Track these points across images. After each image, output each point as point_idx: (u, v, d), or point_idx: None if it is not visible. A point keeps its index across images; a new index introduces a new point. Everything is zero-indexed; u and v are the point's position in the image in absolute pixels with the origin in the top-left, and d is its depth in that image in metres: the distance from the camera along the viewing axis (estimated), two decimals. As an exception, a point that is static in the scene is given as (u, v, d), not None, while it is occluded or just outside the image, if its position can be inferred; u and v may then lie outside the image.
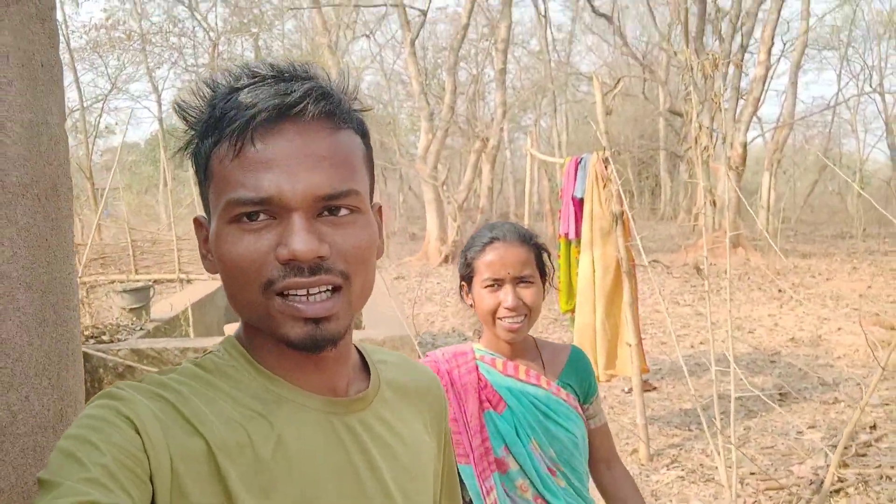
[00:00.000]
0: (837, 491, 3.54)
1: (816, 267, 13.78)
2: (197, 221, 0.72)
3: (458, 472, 1.05)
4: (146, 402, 0.60)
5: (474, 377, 1.47)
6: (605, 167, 4.17)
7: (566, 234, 4.87)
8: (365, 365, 0.80)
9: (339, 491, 0.67)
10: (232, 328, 4.62)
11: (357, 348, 0.80)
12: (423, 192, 15.71)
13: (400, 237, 24.06)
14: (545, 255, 1.50)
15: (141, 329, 4.62)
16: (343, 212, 0.66)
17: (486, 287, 1.44)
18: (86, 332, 4.18)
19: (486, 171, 15.09)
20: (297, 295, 0.64)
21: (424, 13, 14.36)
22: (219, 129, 0.65)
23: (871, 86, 28.41)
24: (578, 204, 4.58)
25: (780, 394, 5.21)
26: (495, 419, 1.44)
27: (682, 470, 3.93)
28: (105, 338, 4.21)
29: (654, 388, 5.45)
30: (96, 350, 3.84)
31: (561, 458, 1.43)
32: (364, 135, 0.72)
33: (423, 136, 14.68)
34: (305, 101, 0.64)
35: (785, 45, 23.34)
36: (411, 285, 12.18)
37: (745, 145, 15.47)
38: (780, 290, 11.03)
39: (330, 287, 0.65)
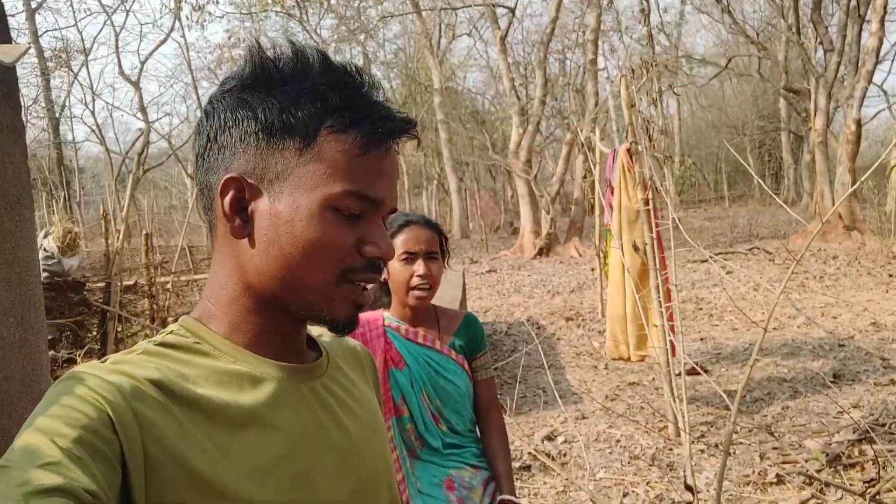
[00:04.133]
0: (854, 465, 3.59)
1: (941, 250, 12.74)
2: (235, 181, 0.69)
3: None
4: (111, 381, 0.60)
5: (382, 341, 1.81)
6: (631, 157, 4.37)
7: (609, 223, 5.09)
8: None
9: (312, 448, 0.71)
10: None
11: None
12: (517, 186, 15.96)
13: (503, 231, 24.42)
14: (444, 241, 1.86)
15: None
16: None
17: (402, 260, 1.73)
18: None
19: (578, 163, 15.14)
20: (361, 285, 0.71)
21: (512, 10, 14.61)
22: (345, 119, 0.67)
23: None
24: (613, 193, 4.80)
25: (835, 375, 5.15)
26: (396, 375, 1.78)
27: (706, 445, 4.09)
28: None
29: (706, 371, 5.52)
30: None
31: (447, 406, 1.77)
32: None
33: (514, 130, 14.96)
34: (410, 130, 0.72)
35: (911, 10, 21.39)
36: (501, 278, 12.54)
37: (858, 122, 14.53)
38: (889, 276, 10.42)
39: None
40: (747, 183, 34.07)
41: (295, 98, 0.67)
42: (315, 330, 0.86)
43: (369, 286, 0.72)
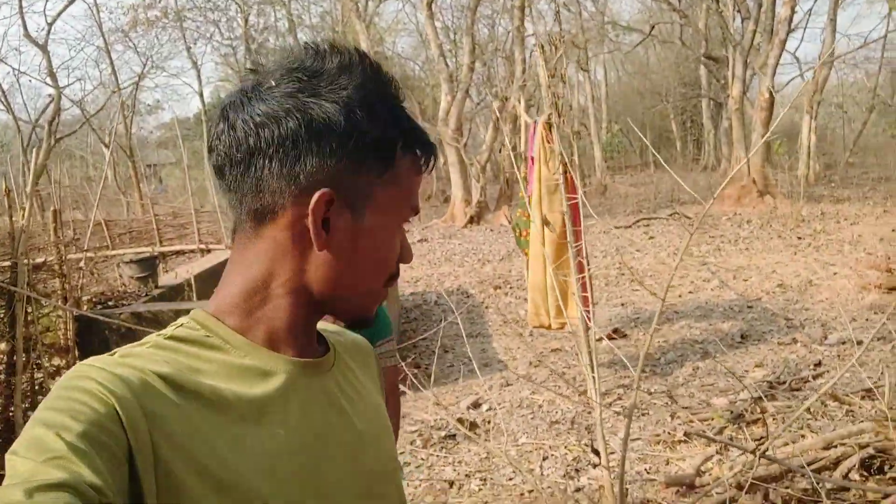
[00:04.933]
0: (756, 421, 3.83)
1: (846, 212, 13.52)
2: (328, 196, 0.68)
3: None
4: (119, 375, 0.59)
5: None
6: (549, 129, 4.44)
7: (530, 195, 5.17)
8: None
9: (322, 444, 0.71)
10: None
11: None
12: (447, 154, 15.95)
13: (435, 200, 24.45)
14: None
15: (146, 295, 5.20)
16: None
17: None
18: (94, 299, 4.75)
19: (506, 131, 15.26)
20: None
21: (439, -24, 14.40)
22: (409, 143, 0.72)
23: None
24: (533, 164, 4.87)
25: (742, 336, 5.45)
26: None
27: (622, 408, 4.28)
28: (111, 303, 4.78)
29: (625, 336, 5.75)
30: (98, 314, 4.40)
31: None
32: None
33: (443, 98, 14.90)
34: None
35: (822, -20, 22.29)
36: (433, 247, 12.60)
37: (770, 90, 15.14)
38: (798, 238, 11.01)
39: None
40: (670, 149, 35.09)
41: (384, 121, 0.69)
42: (319, 323, 0.85)
43: None
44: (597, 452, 2.66)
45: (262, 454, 0.64)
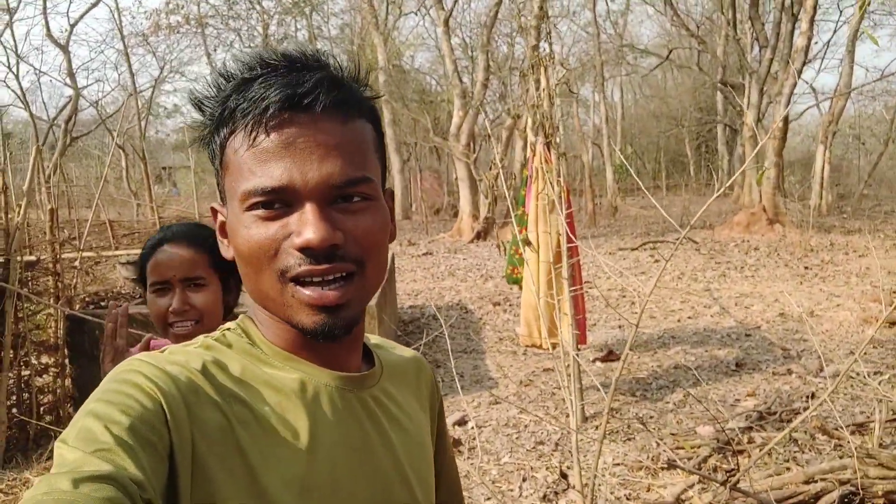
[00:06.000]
0: (741, 451, 3.77)
1: (855, 244, 13.39)
2: (213, 210, 0.74)
3: None
4: (169, 374, 0.61)
5: None
6: (548, 149, 4.43)
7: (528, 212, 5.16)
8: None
9: (359, 464, 0.69)
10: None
11: None
12: (458, 169, 15.98)
13: (446, 213, 24.48)
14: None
15: (140, 297, 5.21)
16: (356, 199, 0.67)
17: (153, 291, 1.42)
18: (87, 299, 4.78)
19: (518, 149, 15.29)
20: (311, 283, 0.65)
21: (456, -8, 14.53)
22: (233, 120, 0.65)
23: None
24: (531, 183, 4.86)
25: (737, 364, 5.38)
26: None
27: (609, 431, 4.22)
28: (104, 304, 4.80)
29: (619, 358, 5.69)
30: (89, 314, 4.41)
31: None
32: (375, 121, 0.73)
33: (455, 114, 14.96)
34: (317, 91, 0.65)
35: (841, 12, 22.28)
36: (437, 261, 12.59)
37: (785, 118, 15.08)
38: (805, 268, 10.91)
39: (344, 274, 0.66)
40: (683, 174, 34.97)
41: (209, 114, 0.69)
42: (373, 338, 0.86)
43: (325, 277, 0.65)
44: (564, 475, 2.62)
45: (294, 467, 0.64)
